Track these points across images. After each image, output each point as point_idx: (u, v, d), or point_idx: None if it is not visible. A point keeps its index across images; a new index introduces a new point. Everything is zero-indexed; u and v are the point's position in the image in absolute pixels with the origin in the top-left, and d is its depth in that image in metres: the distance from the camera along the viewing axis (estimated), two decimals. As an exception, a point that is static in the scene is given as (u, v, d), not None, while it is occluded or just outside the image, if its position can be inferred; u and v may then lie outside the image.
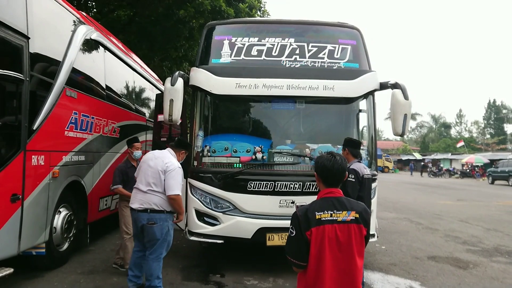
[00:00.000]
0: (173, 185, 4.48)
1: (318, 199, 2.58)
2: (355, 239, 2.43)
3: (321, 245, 2.39)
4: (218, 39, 6.17)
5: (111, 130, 7.29)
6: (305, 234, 2.40)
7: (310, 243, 2.40)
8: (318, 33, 6.29)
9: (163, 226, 4.53)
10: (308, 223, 2.42)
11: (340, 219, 2.43)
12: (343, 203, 2.50)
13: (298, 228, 2.45)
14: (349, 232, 2.42)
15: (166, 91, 5.28)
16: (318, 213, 2.43)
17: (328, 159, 2.58)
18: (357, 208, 2.50)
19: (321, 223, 2.41)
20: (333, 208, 2.46)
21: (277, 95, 5.63)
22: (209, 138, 5.90)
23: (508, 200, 17.91)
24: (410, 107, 5.45)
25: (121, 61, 8.20)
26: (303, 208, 2.52)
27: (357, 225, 2.45)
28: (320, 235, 2.39)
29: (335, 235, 2.40)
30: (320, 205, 2.49)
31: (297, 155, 5.75)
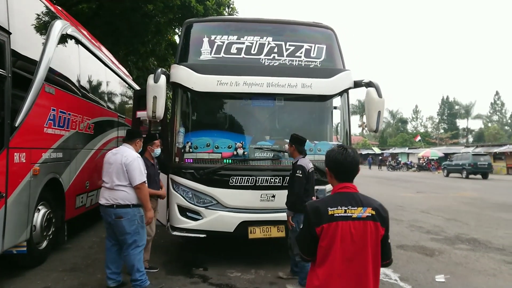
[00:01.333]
0: (135, 175, 4.64)
1: (331, 194, 2.42)
2: (371, 239, 2.25)
3: (332, 243, 2.23)
4: (197, 37, 6.24)
5: (86, 127, 7.22)
6: (314, 230, 2.26)
7: (319, 240, 2.27)
8: (295, 33, 6.49)
9: (131, 220, 4.63)
10: (319, 218, 2.26)
11: (355, 216, 2.25)
12: (358, 198, 2.32)
13: (307, 222, 2.33)
14: (365, 230, 2.24)
15: (149, 88, 5.32)
16: (331, 209, 2.26)
17: (339, 152, 2.39)
18: (373, 204, 2.33)
19: (334, 219, 2.24)
20: (348, 204, 2.27)
21: (257, 92, 5.79)
22: (190, 135, 5.98)
23: (463, 192, 18.98)
24: (384, 105, 5.76)
25: (94, 56, 8.10)
26: (314, 203, 2.39)
27: (374, 222, 2.27)
28: (332, 232, 2.23)
29: (349, 232, 2.23)
30: (334, 200, 2.31)
31: (277, 150, 5.95)
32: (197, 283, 5.19)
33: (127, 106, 11.11)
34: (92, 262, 5.94)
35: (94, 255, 6.28)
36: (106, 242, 4.92)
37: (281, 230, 5.77)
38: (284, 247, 5.69)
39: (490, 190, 20.17)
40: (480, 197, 16.71)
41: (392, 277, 5.63)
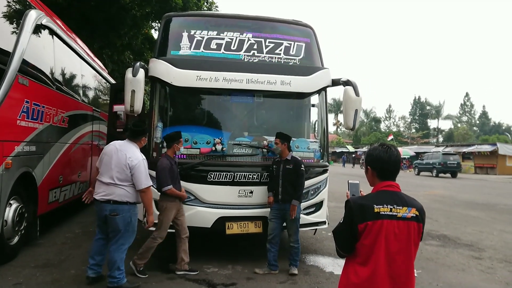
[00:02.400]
0: (141, 179, 4.60)
1: (374, 192, 2.34)
2: (414, 239, 2.22)
3: (375, 241, 2.18)
4: (176, 31, 6.20)
5: (60, 120, 7.05)
6: (356, 227, 2.20)
7: (360, 237, 2.21)
8: (275, 30, 6.51)
9: (126, 217, 4.61)
10: (363, 215, 2.20)
11: (400, 215, 2.20)
12: (403, 198, 2.28)
13: (350, 218, 2.24)
14: (409, 230, 2.20)
15: (128, 81, 5.25)
16: (377, 206, 2.20)
17: (384, 151, 2.35)
18: (417, 205, 2.28)
19: (380, 217, 2.18)
20: (393, 203, 2.22)
21: (237, 88, 5.79)
22: (168, 130, 5.93)
23: (433, 190, 19.53)
24: (361, 103, 5.85)
25: (70, 48, 7.92)
26: (358, 199, 2.32)
27: (417, 223, 2.23)
28: (376, 231, 2.18)
29: (393, 232, 2.18)
30: (379, 198, 2.25)
31: (256, 146, 5.98)
32: (173, 278, 5.17)
33: (103, 100, 10.92)
34: (65, 258, 5.83)
35: (68, 251, 6.17)
36: (96, 233, 4.90)
37: (258, 226, 5.82)
38: (262, 243, 5.75)
39: (459, 189, 20.83)
40: (449, 195, 17.23)
41: (366, 272, 5.74)
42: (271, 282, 5.16)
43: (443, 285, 5.31)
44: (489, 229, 9.33)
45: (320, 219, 6.10)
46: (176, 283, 4.99)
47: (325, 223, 6.20)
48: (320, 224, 6.14)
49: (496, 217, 11.34)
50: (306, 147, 6.19)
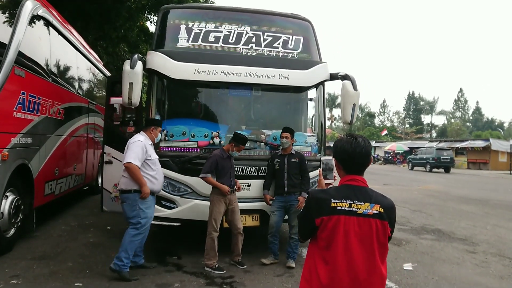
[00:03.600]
0: (126, 154, 4.85)
1: (337, 186, 2.23)
2: (377, 238, 2.06)
3: (332, 237, 2.07)
4: (174, 24, 6.15)
5: (56, 112, 7.01)
6: (313, 220, 2.11)
7: (317, 230, 2.12)
8: (273, 23, 6.48)
9: (132, 205, 4.83)
10: (319, 209, 2.09)
11: (360, 211, 2.06)
12: (366, 193, 2.12)
13: (307, 210, 2.18)
14: (370, 228, 2.05)
15: (125, 74, 5.21)
16: (334, 201, 2.07)
17: (348, 142, 2.19)
18: (382, 201, 2.12)
19: (336, 212, 2.06)
20: (354, 198, 2.08)
21: (235, 82, 5.77)
22: (166, 123, 5.91)
23: (427, 185, 19.64)
24: (358, 98, 5.86)
25: (66, 40, 7.86)
26: (317, 192, 2.21)
27: (381, 221, 2.07)
28: (332, 226, 2.06)
29: (353, 229, 2.04)
30: (339, 192, 2.12)
31: (254, 140, 5.98)
32: (171, 271, 5.17)
33: (98, 92, 10.86)
34: (62, 250, 5.82)
35: (64, 243, 6.16)
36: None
37: (255, 219, 5.84)
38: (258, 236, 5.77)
39: (452, 184, 20.98)
40: (443, 190, 17.34)
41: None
42: (268, 275, 5.18)
43: (439, 278, 5.36)
44: (482, 224, 9.42)
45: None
46: (173, 276, 4.99)
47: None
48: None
49: (489, 211, 11.44)
50: (304, 141, 6.20)
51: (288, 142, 5.55)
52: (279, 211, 5.60)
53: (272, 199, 5.65)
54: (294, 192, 5.58)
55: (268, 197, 5.64)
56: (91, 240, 6.45)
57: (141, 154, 4.83)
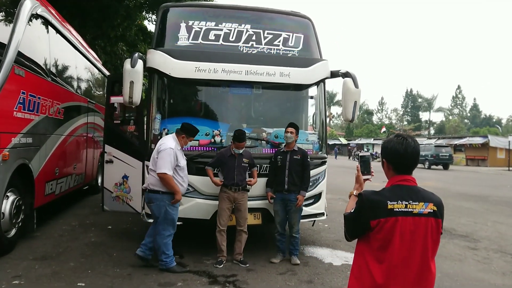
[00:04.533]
0: (160, 164, 4.90)
1: (389, 187, 2.21)
2: (432, 237, 2.10)
3: (389, 238, 2.07)
4: (174, 22, 6.12)
5: (56, 111, 6.97)
6: (368, 222, 2.10)
7: (372, 231, 2.11)
8: (273, 21, 6.46)
9: (160, 206, 4.97)
10: (375, 211, 2.09)
11: (416, 211, 2.08)
12: (419, 193, 2.15)
13: (361, 213, 2.15)
14: (426, 227, 2.08)
15: (126, 72, 5.18)
16: (391, 203, 2.08)
17: (399, 142, 2.20)
18: (435, 199, 2.16)
19: (394, 214, 2.06)
20: (408, 198, 2.10)
21: (236, 80, 5.75)
22: (167, 121, 5.90)
23: (426, 182, 19.61)
24: (360, 95, 5.83)
25: (65, 39, 7.82)
26: (371, 194, 2.17)
27: (435, 219, 2.11)
28: (389, 228, 2.06)
29: (409, 229, 2.07)
30: (393, 193, 2.12)
31: (255, 138, 5.97)
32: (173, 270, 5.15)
33: (97, 92, 10.83)
34: (63, 250, 5.80)
35: (65, 243, 6.13)
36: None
37: (257, 218, 5.83)
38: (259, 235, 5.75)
39: (451, 180, 21.02)
40: (442, 186, 17.36)
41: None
42: (271, 274, 5.18)
43: (441, 275, 5.35)
44: (483, 220, 9.43)
45: (319, 211, 6.12)
46: (176, 274, 4.97)
47: (324, 214, 6.22)
48: (319, 216, 6.16)
49: (489, 208, 11.47)
50: (305, 138, 6.19)
51: (293, 137, 5.53)
52: (281, 209, 5.60)
53: (273, 197, 5.64)
54: (294, 190, 5.56)
55: (270, 195, 5.64)
56: (92, 239, 6.43)
57: (173, 162, 4.95)
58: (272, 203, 5.65)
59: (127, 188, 6.25)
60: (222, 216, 5.42)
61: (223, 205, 5.40)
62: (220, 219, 5.42)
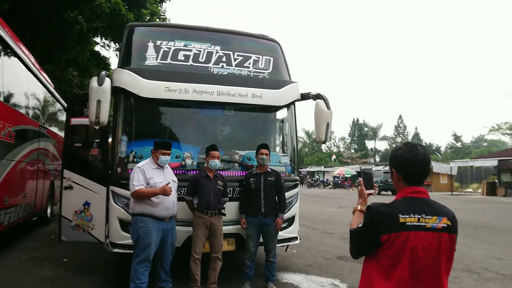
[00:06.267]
0: (129, 186, 4.74)
1: (399, 199, 2.08)
2: (445, 253, 1.97)
3: (400, 254, 1.94)
4: (141, 41, 5.90)
5: (7, 135, 6.43)
6: (378, 237, 1.96)
7: (382, 246, 1.97)
8: (242, 43, 6.41)
9: (133, 229, 4.77)
10: (386, 225, 1.96)
11: (429, 226, 1.95)
12: (432, 206, 2.02)
13: (371, 227, 2.01)
14: (439, 243, 1.95)
15: (93, 91, 4.88)
16: (402, 216, 1.95)
17: (408, 150, 2.09)
18: (449, 213, 2.03)
19: (406, 228, 1.93)
20: (421, 212, 1.97)
21: (207, 100, 5.59)
22: (134, 144, 5.58)
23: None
24: (332, 116, 5.85)
25: (17, 58, 7.32)
26: (381, 207, 2.04)
27: (449, 234, 1.97)
28: (401, 243, 1.93)
29: (421, 245, 1.93)
30: (405, 206, 1.99)
31: (228, 161, 5.78)
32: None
33: (50, 116, 10.23)
34: (15, 287, 5.20)
35: (17, 279, 5.54)
36: None
37: (231, 244, 5.58)
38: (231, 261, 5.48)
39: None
40: (395, 211, 17.77)
41: (341, 286, 5.67)
42: (248, 302, 4.91)
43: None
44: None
45: (292, 235, 5.97)
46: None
47: (297, 238, 6.08)
48: (292, 240, 6.00)
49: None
50: (278, 161, 6.09)
51: (268, 159, 5.40)
52: (256, 234, 5.38)
53: (245, 222, 5.41)
54: (270, 213, 5.38)
55: (242, 221, 5.39)
56: (47, 274, 5.86)
57: (142, 177, 4.74)
58: (245, 228, 5.41)
59: (89, 216, 5.80)
60: (198, 244, 5.10)
61: (198, 232, 5.09)
62: (195, 247, 5.09)
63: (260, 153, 5.39)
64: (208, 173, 5.20)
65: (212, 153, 5.17)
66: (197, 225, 5.10)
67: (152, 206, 4.72)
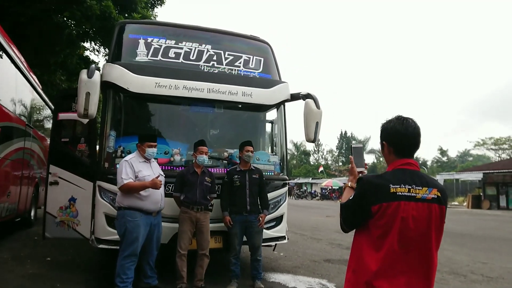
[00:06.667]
0: (117, 179, 4.70)
1: (390, 170, 2.11)
2: (435, 224, 1.99)
3: (390, 226, 1.95)
4: (132, 38, 5.90)
5: (-8, 130, 6.33)
6: (369, 207, 1.98)
7: (372, 218, 1.99)
8: (233, 43, 6.44)
9: (120, 223, 4.68)
10: (377, 195, 1.98)
11: (419, 196, 1.97)
12: (423, 178, 2.04)
13: (362, 198, 2.03)
14: (429, 213, 1.97)
15: (82, 83, 4.85)
16: (393, 186, 1.97)
17: (399, 123, 2.11)
18: (439, 186, 2.05)
19: (396, 198, 1.95)
20: (412, 182, 1.99)
21: (197, 97, 5.59)
22: (122, 139, 5.54)
23: (366, 216, 20.22)
24: (321, 116, 5.89)
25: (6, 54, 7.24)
26: (372, 178, 2.08)
27: (439, 206, 2.00)
28: (391, 213, 1.95)
29: (411, 215, 1.95)
30: (396, 177, 2.02)
31: (216, 158, 5.76)
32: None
33: (36, 118, 10.13)
34: (-3, 283, 5.09)
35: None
36: None
37: (218, 241, 5.55)
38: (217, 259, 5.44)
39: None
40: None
41: (329, 286, 5.65)
42: (235, 299, 4.86)
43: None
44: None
45: (280, 234, 5.96)
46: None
47: (285, 238, 6.06)
48: (280, 239, 5.98)
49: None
50: (267, 159, 6.09)
51: (252, 156, 5.40)
52: (240, 232, 5.34)
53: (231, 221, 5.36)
54: (255, 211, 5.37)
55: (228, 219, 5.31)
56: (30, 271, 5.72)
57: (129, 171, 4.69)
58: (230, 227, 5.36)
59: (74, 211, 5.72)
60: (184, 239, 5.05)
61: (184, 227, 5.05)
62: (181, 243, 5.05)
63: (245, 150, 5.38)
64: (196, 168, 5.17)
65: (200, 148, 5.15)
66: (183, 220, 5.06)
67: (141, 200, 4.67)
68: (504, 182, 31.21)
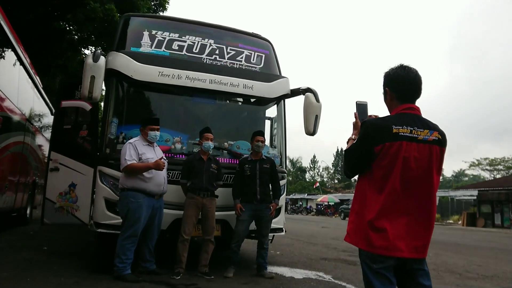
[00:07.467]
0: (120, 161, 4.75)
1: (393, 114, 2.19)
2: (436, 165, 2.07)
3: (392, 165, 2.03)
4: (137, 29, 6.01)
5: (-5, 118, 6.38)
6: (372, 148, 2.05)
7: (375, 159, 2.06)
8: (235, 39, 6.56)
9: (123, 204, 4.72)
10: (380, 136, 2.04)
11: (421, 138, 2.05)
12: (424, 121, 2.12)
13: (365, 140, 2.09)
14: (430, 154, 2.05)
15: (88, 67, 4.93)
16: (396, 127, 2.04)
17: (401, 69, 2.19)
18: (439, 129, 2.14)
19: (399, 138, 2.02)
20: (413, 125, 2.06)
21: (199, 88, 5.68)
22: (124, 127, 5.60)
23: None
24: (321, 110, 6.00)
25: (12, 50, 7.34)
26: (375, 120, 2.16)
27: (440, 147, 2.09)
28: (394, 152, 2.02)
29: (413, 156, 2.02)
30: (398, 119, 2.09)
31: (217, 147, 5.82)
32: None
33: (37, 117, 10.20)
34: (-7, 264, 5.07)
35: (-5, 259, 5.38)
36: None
37: (217, 229, 5.55)
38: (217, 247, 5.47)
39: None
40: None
41: (325, 277, 5.67)
42: (233, 283, 4.88)
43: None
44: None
45: (278, 225, 5.98)
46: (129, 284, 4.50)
47: (283, 230, 6.09)
48: (278, 231, 6.01)
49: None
50: (266, 152, 6.15)
51: (263, 146, 5.52)
52: (248, 220, 5.38)
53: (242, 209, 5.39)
54: (265, 200, 5.43)
55: (239, 206, 5.35)
56: (26, 257, 5.70)
57: (133, 153, 4.76)
58: (240, 214, 5.39)
59: (74, 197, 5.74)
60: (188, 224, 5.06)
61: (189, 212, 5.07)
62: (185, 227, 5.05)
63: (256, 140, 5.48)
64: (202, 155, 5.25)
65: (206, 135, 5.24)
66: (189, 205, 5.09)
67: (144, 181, 4.72)
68: (499, 200, 31.25)
